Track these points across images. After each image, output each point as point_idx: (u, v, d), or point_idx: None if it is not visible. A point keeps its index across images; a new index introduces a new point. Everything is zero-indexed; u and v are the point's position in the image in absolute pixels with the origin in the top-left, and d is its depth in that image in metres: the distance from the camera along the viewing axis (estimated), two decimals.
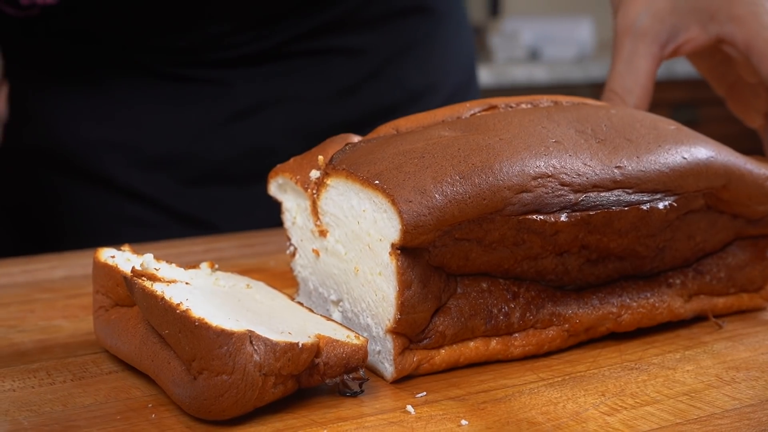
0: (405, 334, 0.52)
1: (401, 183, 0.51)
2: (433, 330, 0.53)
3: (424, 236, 0.50)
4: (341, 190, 0.54)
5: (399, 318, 0.51)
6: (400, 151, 0.53)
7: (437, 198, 0.50)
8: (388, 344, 0.52)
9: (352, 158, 0.54)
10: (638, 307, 0.58)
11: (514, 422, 0.47)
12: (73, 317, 0.63)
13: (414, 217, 0.50)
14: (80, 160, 0.90)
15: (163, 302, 0.48)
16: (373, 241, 0.52)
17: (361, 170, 0.52)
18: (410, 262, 0.51)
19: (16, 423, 0.47)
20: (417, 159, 0.52)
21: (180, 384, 0.47)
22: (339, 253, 0.55)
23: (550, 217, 0.53)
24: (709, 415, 0.48)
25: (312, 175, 0.56)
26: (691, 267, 0.61)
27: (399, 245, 0.50)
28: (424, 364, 0.53)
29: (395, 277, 0.51)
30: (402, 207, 0.50)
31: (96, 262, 0.55)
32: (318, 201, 0.56)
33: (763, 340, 0.59)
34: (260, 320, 0.50)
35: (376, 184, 0.51)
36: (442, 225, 0.50)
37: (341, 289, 0.56)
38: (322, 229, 0.56)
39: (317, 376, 0.49)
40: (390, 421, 0.47)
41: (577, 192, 0.53)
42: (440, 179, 0.51)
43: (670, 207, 0.57)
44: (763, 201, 0.60)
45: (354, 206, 0.53)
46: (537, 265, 0.55)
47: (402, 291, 0.51)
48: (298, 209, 0.59)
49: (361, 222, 0.53)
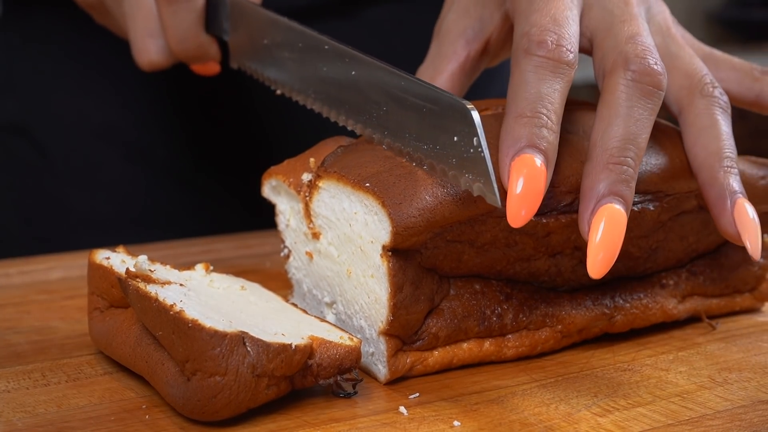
0: (398, 336, 0.52)
1: (391, 185, 0.51)
2: (426, 331, 0.53)
3: (415, 238, 0.50)
4: (333, 192, 0.54)
5: (392, 320, 0.51)
6: (391, 154, 0.53)
7: (427, 199, 0.50)
8: (381, 346, 0.52)
9: (344, 161, 0.54)
10: (631, 308, 0.58)
11: (507, 423, 0.48)
12: (69, 318, 0.63)
13: (404, 219, 0.50)
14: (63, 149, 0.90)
15: (157, 303, 0.48)
16: (364, 243, 0.52)
17: (352, 173, 0.53)
18: (402, 264, 0.51)
19: (10, 424, 0.47)
20: (407, 162, 0.52)
21: (174, 385, 0.48)
22: (332, 256, 0.56)
23: (542, 218, 0.53)
24: (700, 416, 0.49)
25: (304, 178, 0.57)
26: (685, 268, 0.61)
27: (390, 247, 0.51)
28: (417, 365, 0.53)
29: (387, 279, 0.51)
30: (392, 209, 0.50)
31: (91, 264, 0.56)
32: (310, 203, 0.56)
33: (756, 342, 0.59)
34: (254, 322, 0.50)
35: (367, 186, 0.51)
36: (433, 226, 0.50)
37: (335, 292, 0.56)
38: (314, 231, 0.56)
39: (311, 378, 0.49)
40: (383, 422, 0.48)
41: (569, 193, 0.53)
42: (430, 181, 0.51)
43: (662, 208, 0.57)
44: (756, 201, 0.60)
45: (346, 209, 0.53)
46: (530, 266, 0.55)
47: (394, 293, 0.51)
48: (291, 212, 0.59)
49: (352, 224, 0.53)
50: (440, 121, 0.50)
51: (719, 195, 0.54)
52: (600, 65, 0.55)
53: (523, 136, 0.50)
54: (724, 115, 0.56)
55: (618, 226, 0.50)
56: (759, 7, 3.42)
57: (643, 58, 0.53)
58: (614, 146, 0.51)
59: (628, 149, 0.51)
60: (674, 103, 0.58)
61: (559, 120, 0.51)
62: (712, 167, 0.55)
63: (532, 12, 0.54)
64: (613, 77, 0.53)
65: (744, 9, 3.48)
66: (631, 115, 0.52)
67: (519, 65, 0.53)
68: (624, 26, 0.55)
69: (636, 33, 0.55)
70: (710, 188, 0.55)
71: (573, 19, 0.55)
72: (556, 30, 0.53)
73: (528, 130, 0.50)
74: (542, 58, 0.52)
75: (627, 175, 0.51)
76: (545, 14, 0.54)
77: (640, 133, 0.52)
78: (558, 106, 0.52)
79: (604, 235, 0.50)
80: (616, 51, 0.54)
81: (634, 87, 0.52)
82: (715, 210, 0.54)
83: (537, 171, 0.49)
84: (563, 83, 0.52)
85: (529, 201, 0.49)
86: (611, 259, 0.50)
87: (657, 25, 0.59)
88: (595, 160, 0.51)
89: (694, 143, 0.56)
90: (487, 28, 0.64)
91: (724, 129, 0.56)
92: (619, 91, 0.53)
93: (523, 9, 0.56)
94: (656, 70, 0.53)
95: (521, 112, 0.51)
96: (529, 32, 0.53)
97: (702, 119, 0.56)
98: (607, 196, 0.50)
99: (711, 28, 3.66)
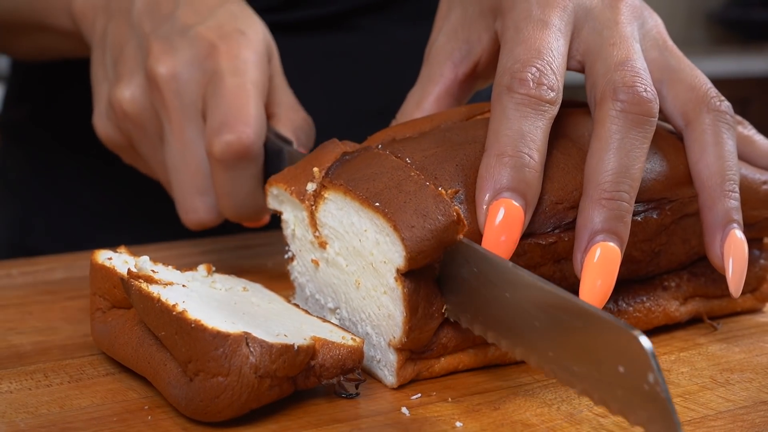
0: (409, 350, 0.52)
1: (402, 205, 0.50)
2: (437, 342, 0.53)
3: (428, 258, 0.50)
4: (340, 205, 0.53)
5: (405, 341, 0.51)
6: (399, 165, 0.53)
7: (440, 219, 0.50)
8: (390, 356, 0.52)
9: (350, 172, 0.53)
10: (634, 311, 0.58)
11: (509, 424, 0.48)
12: (72, 319, 0.63)
13: (418, 243, 0.49)
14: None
15: (160, 304, 0.48)
16: (376, 261, 0.51)
17: (360, 187, 0.51)
18: (416, 284, 0.50)
19: (13, 425, 0.47)
20: (416, 175, 0.52)
21: (176, 386, 0.48)
22: (340, 265, 0.55)
23: (547, 238, 0.53)
24: (702, 416, 0.49)
25: (309, 188, 0.55)
26: (686, 269, 0.61)
27: (405, 271, 0.50)
28: (423, 372, 0.53)
29: (402, 303, 0.50)
30: (405, 234, 0.49)
31: (93, 264, 0.56)
32: (316, 213, 0.55)
33: (757, 342, 0.59)
34: (256, 322, 0.50)
35: (377, 206, 0.50)
36: (446, 245, 0.50)
37: (339, 299, 0.56)
38: (321, 240, 0.55)
39: (313, 378, 0.49)
40: (385, 422, 0.48)
41: (572, 209, 0.53)
42: (441, 198, 0.50)
43: (665, 213, 0.57)
44: (757, 206, 0.60)
45: (354, 224, 0.52)
46: (535, 272, 0.55)
47: (410, 317, 0.50)
48: (295, 220, 0.58)
49: (362, 240, 0.52)
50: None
51: (714, 222, 0.54)
52: (591, 93, 0.55)
53: (504, 177, 0.50)
54: (729, 132, 0.56)
55: (611, 264, 0.50)
56: (759, 7, 3.42)
57: (631, 87, 0.52)
58: (607, 181, 0.51)
59: (621, 183, 0.51)
60: (680, 116, 0.57)
61: (542, 158, 0.51)
62: (713, 189, 0.55)
63: (518, 43, 0.54)
64: (603, 108, 0.53)
65: (744, 9, 3.48)
66: (623, 147, 0.51)
67: (501, 101, 0.52)
68: (613, 50, 0.55)
69: (625, 58, 0.54)
70: (708, 211, 0.55)
71: (558, 50, 0.54)
72: (539, 65, 0.53)
73: (509, 171, 0.50)
74: (523, 95, 0.52)
75: (621, 210, 0.51)
76: (530, 46, 0.53)
77: (633, 164, 0.51)
78: (541, 144, 0.51)
79: (597, 273, 0.50)
80: (605, 79, 0.54)
81: (624, 118, 0.52)
82: (707, 236, 0.55)
83: (515, 218, 0.50)
84: (546, 120, 0.52)
85: (504, 247, 0.49)
86: (604, 297, 0.50)
87: (653, 39, 0.58)
88: (589, 195, 0.51)
89: (698, 160, 0.55)
90: (475, 51, 0.63)
91: (729, 149, 0.55)
92: (609, 122, 0.52)
93: (509, 37, 0.55)
94: (646, 98, 0.52)
95: (502, 150, 0.51)
96: (512, 68, 0.53)
97: (707, 136, 0.56)
98: (601, 233, 0.50)
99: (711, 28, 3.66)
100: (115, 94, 0.66)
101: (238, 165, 0.63)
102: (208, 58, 0.64)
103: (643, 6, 0.59)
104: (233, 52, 0.64)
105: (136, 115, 0.66)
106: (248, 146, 0.62)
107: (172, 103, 0.64)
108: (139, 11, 0.67)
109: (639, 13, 0.58)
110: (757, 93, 3.02)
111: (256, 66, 0.64)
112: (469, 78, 0.64)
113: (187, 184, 0.65)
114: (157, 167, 0.68)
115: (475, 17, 0.62)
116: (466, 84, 0.64)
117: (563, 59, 0.54)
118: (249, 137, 0.62)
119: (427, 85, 0.63)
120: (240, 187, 0.64)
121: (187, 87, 0.64)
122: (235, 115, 0.62)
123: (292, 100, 0.69)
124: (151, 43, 0.65)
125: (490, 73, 0.64)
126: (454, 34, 0.63)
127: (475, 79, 0.64)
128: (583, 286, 0.50)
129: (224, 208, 0.65)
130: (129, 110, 0.66)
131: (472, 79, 0.64)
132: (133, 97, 0.65)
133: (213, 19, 0.65)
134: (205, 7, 0.67)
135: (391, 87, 0.85)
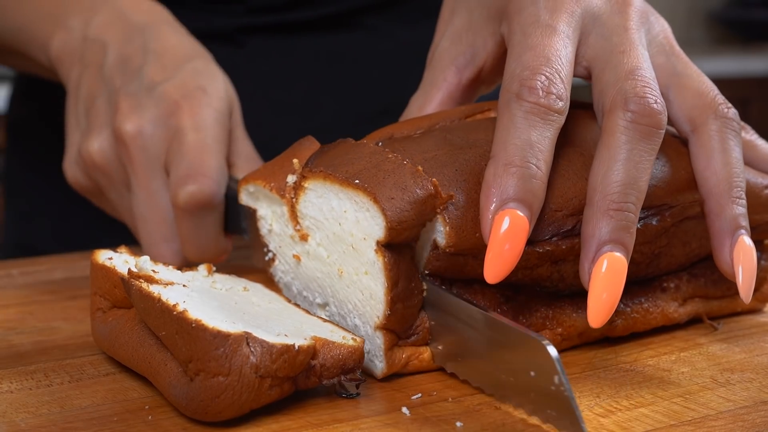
0: (394, 330, 0.52)
1: (381, 180, 0.51)
2: (421, 326, 0.53)
3: (408, 231, 0.51)
4: (320, 192, 0.54)
5: (388, 314, 0.51)
6: (376, 150, 0.53)
7: (418, 192, 0.51)
8: (377, 341, 0.52)
9: (329, 159, 0.54)
10: (632, 312, 0.58)
11: (509, 424, 0.48)
12: (72, 319, 0.63)
13: (397, 213, 0.50)
14: None
15: (160, 304, 0.48)
16: (356, 240, 0.52)
17: (340, 170, 0.53)
18: (396, 258, 0.51)
19: (14, 425, 0.47)
20: (394, 156, 0.52)
21: (177, 386, 0.48)
22: (321, 257, 0.55)
23: (544, 246, 0.53)
24: (703, 416, 0.49)
25: (289, 180, 0.56)
26: (686, 270, 0.61)
27: (384, 242, 0.51)
28: (413, 360, 0.53)
29: (383, 274, 0.51)
30: (385, 204, 0.50)
31: (93, 264, 0.56)
32: (296, 205, 0.56)
33: (758, 342, 0.59)
34: (257, 322, 0.50)
35: (356, 183, 0.51)
36: (425, 218, 0.51)
37: (326, 293, 0.56)
38: (302, 233, 0.56)
39: (314, 378, 0.49)
40: (385, 422, 0.48)
41: (571, 216, 0.53)
42: (420, 174, 0.51)
43: (665, 218, 0.57)
44: (759, 210, 0.60)
45: (334, 207, 0.53)
46: (533, 273, 0.55)
47: (391, 287, 0.51)
48: (273, 216, 0.59)
49: (342, 223, 0.53)
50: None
51: (722, 228, 0.54)
52: (599, 100, 0.55)
53: (511, 187, 0.50)
54: (736, 139, 0.56)
55: (618, 274, 0.50)
56: (760, 7, 3.42)
57: (642, 97, 0.52)
58: (615, 192, 0.51)
59: (629, 194, 0.51)
60: (686, 122, 0.57)
61: (548, 168, 0.51)
62: (721, 196, 0.54)
63: (526, 49, 0.54)
64: (612, 118, 0.52)
65: (745, 9, 3.48)
66: (631, 158, 0.51)
67: (509, 108, 0.52)
68: (623, 57, 0.55)
69: (635, 66, 0.54)
70: (716, 218, 0.55)
71: (566, 57, 0.54)
72: (547, 73, 0.52)
73: (515, 181, 0.50)
74: (532, 104, 0.52)
75: (628, 221, 0.51)
76: (539, 53, 0.53)
77: (641, 176, 0.52)
78: (548, 154, 0.51)
79: (605, 284, 0.50)
80: (614, 88, 0.53)
81: (633, 129, 0.52)
82: (716, 242, 0.55)
83: (520, 228, 0.50)
84: (553, 130, 0.52)
85: (508, 256, 0.49)
86: (611, 307, 0.50)
87: (659, 45, 0.58)
88: (596, 205, 0.51)
89: (705, 167, 0.55)
90: (479, 56, 0.63)
91: (736, 155, 0.55)
92: (618, 132, 0.52)
93: (516, 42, 0.55)
94: (656, 110, 0.52)
95: (510, 160, 0.51)
96: (521, 75, 0.52)
97: (714, 142, 0.55)
98: (608, 244, 0.50)
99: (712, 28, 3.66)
100: (85, 145, 0.69)
101: (201, 213, 0.66)
102: (171, 117, 0.67)
103: (649, 10, 0.59)
104: (195, 110, 0.67)
105: (104, 167, 0.69)
106: (210, 196, 0.66)
107: (138, 158, 0.67)
108: (110, 65, 0.70)
109: (646, 18, 0.58)
110: (757, 93, 3.03)
111: (216, 122, 0.68)
112: (473, 83, 0.64)
113: (153, 233, 0.69)
114: (125, 213, 0.72)
115: (481, 21, 0.62)
116: (470, 89, 0.64)
117: (571, 66, 0.54)
118: (211, 187, 0.66)
119: (430, 89, 0.63)
120: (203, 233, 0.68)
121: (151, 143, 0.67)
122: (197, 168, 0.66)
123: (250, 151, 0.72)
124: (119, 100, 0.68)
125: (494, 78, 0.65)
126: (459, 39, 0.63)
127: (478, 84, 0.64)
128: (592, 296, 0.50)
129: (188, 252, 0.69)
130: (98, 161, 0.69)
131: (476, 84, 0.64)
132: (102, 149, 0.69)
133: (178, 77, 0.69)
134: (172, 63, 0.70)
135: (394, 87, 0.85)
